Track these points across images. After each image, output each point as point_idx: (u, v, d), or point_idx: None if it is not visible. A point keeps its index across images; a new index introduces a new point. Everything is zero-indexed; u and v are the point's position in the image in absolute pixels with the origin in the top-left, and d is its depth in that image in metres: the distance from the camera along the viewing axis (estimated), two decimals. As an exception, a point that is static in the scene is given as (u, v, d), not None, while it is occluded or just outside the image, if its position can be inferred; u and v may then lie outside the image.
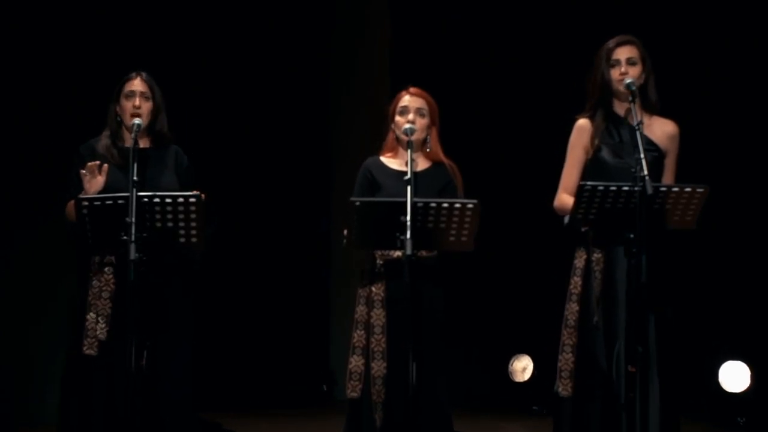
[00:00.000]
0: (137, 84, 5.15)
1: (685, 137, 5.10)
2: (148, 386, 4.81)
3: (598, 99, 5.03)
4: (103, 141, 5.17)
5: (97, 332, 4.93)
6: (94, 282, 4.99)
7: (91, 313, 4.95)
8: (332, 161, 9.40)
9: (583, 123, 5.05)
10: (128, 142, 5.05)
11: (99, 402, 4.93)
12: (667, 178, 5.04)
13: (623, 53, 4.98)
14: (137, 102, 5.12)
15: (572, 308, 4.91)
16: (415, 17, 8.95)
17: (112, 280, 4.97)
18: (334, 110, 9.45)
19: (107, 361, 4.91)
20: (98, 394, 4.93)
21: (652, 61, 5.04)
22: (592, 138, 5.00)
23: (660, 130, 5.04)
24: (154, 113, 5.17)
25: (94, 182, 4.94)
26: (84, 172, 4.92)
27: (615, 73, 4.98)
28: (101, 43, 7.64)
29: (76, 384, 4.99)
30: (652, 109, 5.03)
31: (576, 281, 4.92)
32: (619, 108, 5.03)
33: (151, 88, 5.16)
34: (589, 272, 4.89)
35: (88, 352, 4.92)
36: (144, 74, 5.18)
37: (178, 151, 5.26)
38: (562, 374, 4.88)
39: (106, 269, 4.97)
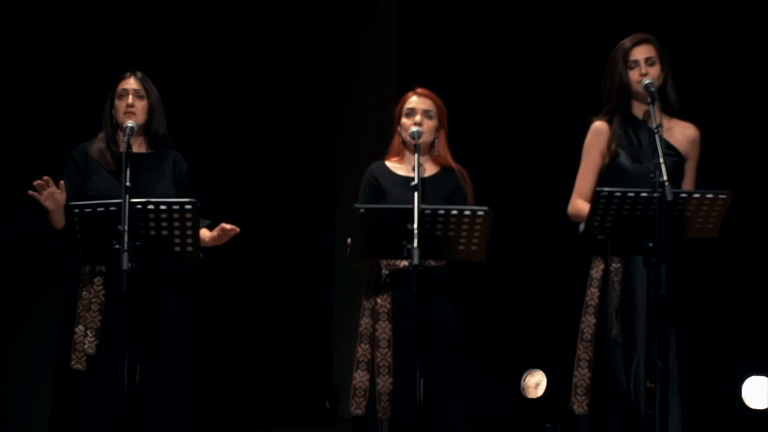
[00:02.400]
0: (131, 83, 5.15)
1: (706, 141, 5.08)
2: (140, 402, 4.79)
3: (616, 102, 5.00)
4: (97, 144, 5.16)
5: (86, 346, 4.92)
6: (83, 293, 4.97)
7: (80, 326, 4.94)
8: (336, 168, 9.38)
9: (599, 126, 5.03)
10: (123, 146, 5.02)
11: (85, 418, 4.91)
12: (688, 183, 5.03)
13: (641, 53, 4.96)
14: (130, 100, 5.10)
15: (588, 321, 4.88)
16: (423, 16, 8.93)
17: (102, 292, 4.95)
18: (342, 114, 9.42)
19: (96, 376, 4.90)
20: (85, 410, 4.92)
21: (670, 60, 5.03)
22: (609, 143, 4.98)
23: (680, 133, 5.02)
24: (149, 113, 5.15)
25: (51, 200, 4.90)
26: (32, 193, 4.88)
27: (634, 75, 4.95)
28: (101, 42, 7.63)
29: (64, 399, 4.97)
30: (671, 111, 5.01)
31: (593, 292, 4.89)
32: (638, 110, 5.01)
33: (145, 87, 5.15)
34: (606, 283, 4.86)
35: (76, 366, 4.91)
36: (139, 73, 5.18)
37: (177, 158, 5.23)
38: (578, 391, 4.85)
39: (96, 280, 4.96)
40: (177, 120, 5.37)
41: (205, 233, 5.14)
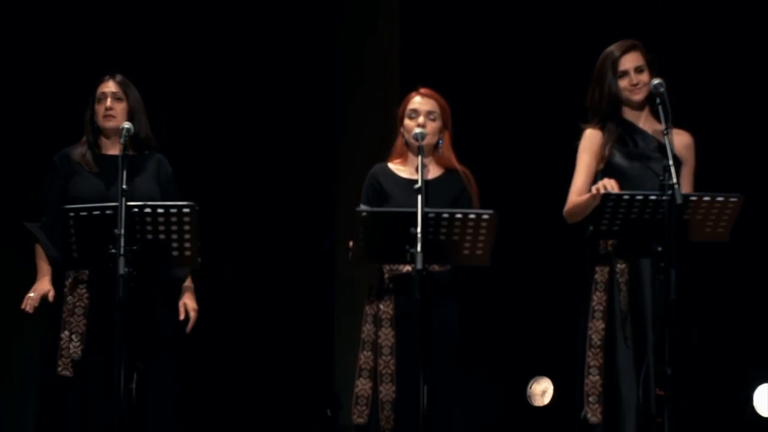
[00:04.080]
0: (109, 86, 5.22)
1: (714, 143, 5.09)
2: (134, 408, 4.79)
3: (607, 112, 5.03)
4: (79, 149, 5.25)
5: (71, 351, 4.94)
6: (68, 298, 5.02)
7: (65, 332, 4.98)
8: (336, 170, 9.37)
9: (591, 132, 5.07)
10: (105, 149, 5.16)
11: (77, 424, 4.93)
12: (685, 189, 5.03)
13: (630, 62, 5.01)
14: (108, 103, 5.18)
15: (597, 326, 4.86)
16: (425, 15, 8.93)
17: (86, 295, 5.00)
18: (342, 115, 9.42)
19: (84, 382, 4.92)
20: (74, 417, 4.94)
21: (666, 64, 5.05)
22: (604, 147, 5.00)
23: (676, 139, 5.02)
24: (129, 115, 5.19)
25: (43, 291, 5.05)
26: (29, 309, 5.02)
27: (624, 83, 4.99)
28: (99, 44, 7.63)
29: (51, 406, 5.01)
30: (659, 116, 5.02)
31: (600, 296, 4.88)
32: (630, 116, 5.06)
33: (124, 89, 5.22)
34: (613, 286, 4.86)
35: (62, 373, 4.94)
36: (118, 76, 5.26)
37: (161, 160, 5.29)
38: (590, 399, 4.82)
39: (80, 285, 4.99)
40: (176, 122, 5.38)
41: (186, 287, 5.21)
